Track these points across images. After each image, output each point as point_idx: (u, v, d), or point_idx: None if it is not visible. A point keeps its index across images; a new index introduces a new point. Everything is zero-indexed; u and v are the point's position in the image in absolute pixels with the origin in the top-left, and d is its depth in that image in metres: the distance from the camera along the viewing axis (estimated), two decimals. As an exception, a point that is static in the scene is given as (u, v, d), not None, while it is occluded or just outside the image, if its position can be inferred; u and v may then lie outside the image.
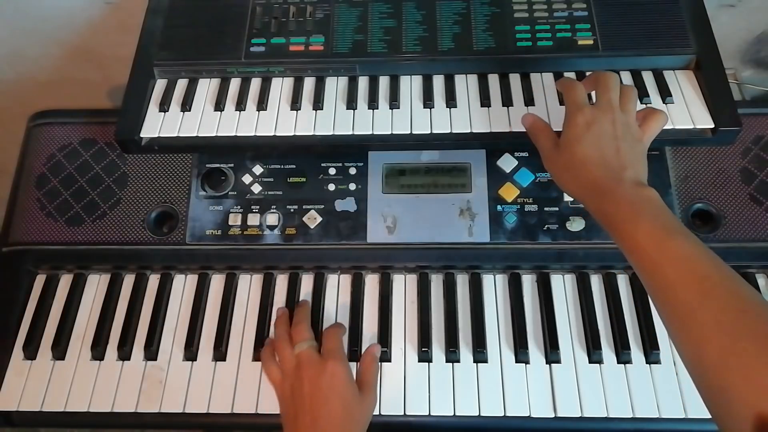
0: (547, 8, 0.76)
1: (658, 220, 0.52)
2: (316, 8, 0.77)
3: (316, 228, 0.76)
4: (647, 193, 0.55)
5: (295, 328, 0.68)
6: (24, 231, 0.79)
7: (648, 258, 0.51)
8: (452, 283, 0.73)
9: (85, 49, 0.93)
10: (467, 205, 0.76)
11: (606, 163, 0.57)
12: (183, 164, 0.80)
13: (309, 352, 0.65)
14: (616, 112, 0.60)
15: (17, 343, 0.73)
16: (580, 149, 0.58)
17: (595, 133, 0.58)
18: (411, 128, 0.71)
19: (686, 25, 0.73)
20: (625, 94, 0.62)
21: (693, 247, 0.50)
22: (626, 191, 0.55)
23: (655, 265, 0.50)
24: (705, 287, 0.47)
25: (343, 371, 0.63)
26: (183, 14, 0.77)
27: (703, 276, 0.48)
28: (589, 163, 0.58)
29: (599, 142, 0.58)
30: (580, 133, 0.59)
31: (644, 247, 0.51)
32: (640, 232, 0.52)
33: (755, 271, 0.74)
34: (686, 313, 0.47)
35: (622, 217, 0.54)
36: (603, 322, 0.71)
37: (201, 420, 0.68)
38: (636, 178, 0.56)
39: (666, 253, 0.50)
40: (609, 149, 0.58)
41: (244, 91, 0.74)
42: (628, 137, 0.59)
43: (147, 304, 0.75)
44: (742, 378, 0.41)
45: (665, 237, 0.51)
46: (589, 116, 0.59)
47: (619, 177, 0.56)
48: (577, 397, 0.66)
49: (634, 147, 0.59)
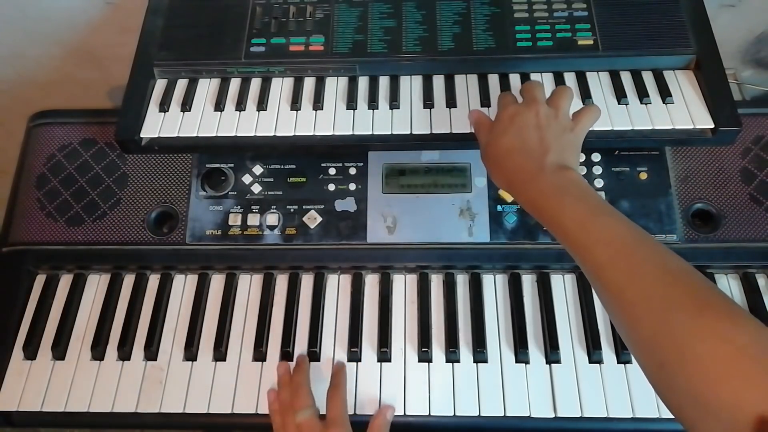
0: (547, 8, 0.76)
1: (581, 201, 0.52)
2: (316, 8, 0.77)
3: (316, 228, 0.76)
4: (569, 175, 0.55)
5: (295, 394, 0.64)
6: (24, 231, 0.79)
7: (576, 241, 0.51)
8: (452, 283, 0.73)
9: (85, 49, 0.93)
10: (467, 205, 0.76)
11: (528, 150, 0.57)
12: (183, 164, 0.80)
13: (311, 421, 0.62)
14: (540, 104, 0.60)
15: (17, 343, 0.73)
16: (504, 140, 0.59)
17: (518, 125, 0.59)
18: (411, 128, 0.71)
19: (686, 25, 0.73)
20: (556, 92, 0.63)
21: (618, 225, 0.50)
22: (548, 176, 0.55)
23: (583, 247, 0.50)
24: (632, 265, 0.47)
25: None
26: (183, 14, 0.77)
27: (631, 254, 0.48)
28: (513, 152, 0.58)
29: (521, 132, 0.59)
30: (505, 126, 0.60)
31: (572, 230, 0.51)
32: (566, 216, 0.52)
33: (755, 271, 0.74)
34: (617, 293, 0.47)
35: (547, 202, 0.54)
36: (603, 322, 0.70)
37: (201, 420, 0.68)
38: (559, 162, 0.56)
39: (592, 234, 0.50)
40: (532, 138, 0.58)
41: (244, 91, 0.74)
42: (553, 126, 0.59)
43: (147, 304, 0.75)
44: (676, 352, 0.41)
45: (589, 218, 0.51)
46: (512, 110, 0.61)
47: (542, 162, 0.56)
48: (577, 397, 0.66)
49: (561, 135, 0.59)
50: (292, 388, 0.65)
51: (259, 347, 0.71)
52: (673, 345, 0.42)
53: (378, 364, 0.70)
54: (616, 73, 0.74)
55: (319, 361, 0.70)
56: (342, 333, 0.72)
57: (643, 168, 0.76)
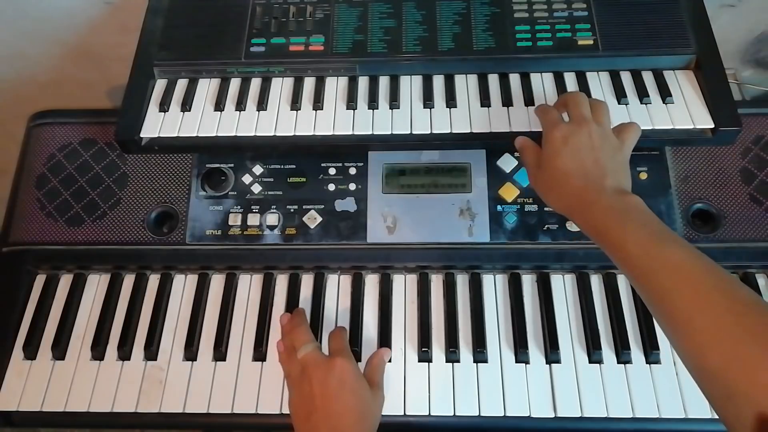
0: (547, 8, 0.76)
1: (645, 227, 0.52)
2: (316, 8, 0.77)
3: (316, 228, 0.76)
4: (631, 201, 0.55)
5: (293, 332, 0.66)
6: (24, 231, 0.79)
7: (640, 267, 0.50)
8: (452, 283, 0.73)
9: (85, 49, 0.93)
10: (467, 205, 0.76)
11: (586, 173, 0.57)
12: (183, 164, 0.80)
13: (313, 354, 0.63)
14: (591, 124, 0.60)
15: (17, 343, 0.73)
16: (560, 162, 0.59)
17: (573, 146, 0.59)
18: (411, 128, 0.71)
19: (686, 25, 0.73)
20: (596, 108, 0.62)
21: (685, 252, 0.49)
22: (609, 200, 0.55)
23: (648, 273, 0.50)
24: (701, 293, 0.46)
25: (352, 367, 0.62)
26: (183, 14, 0.77)
27: (698, 281, 0.47)
28: (570, 175, 0.58)
29: (578, 155, 0.58)
30: (558, 148, 0.59)
31: (635, 255, 0.51)
32: (629, 241, 0.51)
33: (755, 271, 0.74)
34: (684, 321, 0.46)
35: (609, 227, 0.53)
36: (603, 322, 0.71)
37: (201, 420, 0.68)
38: (618, 186, 0.56)
39: (658, 260, 0.49)
40: (588, 160, 0.58)
41: (244, 91, 0.74)
42: (606, 147, 0.59)
43: (147, 304, 0.75)
44: (747, 382, 0.41)
45: (655, 244, 0.50)
46: (565, 131, 0.60)
47: (601, 186, 0.56)
48: (577, 397, 0.66)
49: (614, 156, 0.59)
50: (291, 329, 0.67)
51: (259, 347, 0.71)
52: (744, 376, 0.41)
53: (378, 364, 0.70)
54: (616, 73, 0.74)
55: (319, 361, 0.70)
56: (342, 333, 0.72)
57: (643, 168, 0.76)
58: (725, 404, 0.43)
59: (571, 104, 0.63)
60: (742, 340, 0.43)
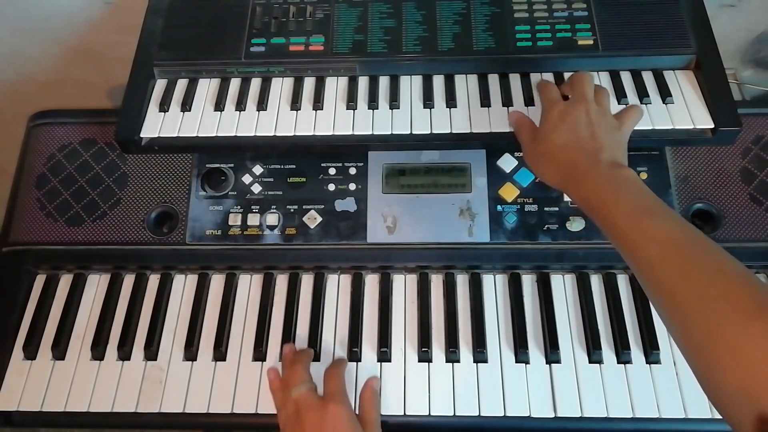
0: (547, 8, 0.76)
1: (637, 200, 0.52)
2: (316, 8, 0.77)
3: (316, 228, 0.76)
4: (625, 173, 0.55)
5: (291, 371, 0.65)
6: (24, 231, 0.79)
7: (629, 238, 0.51)
8: (452, 283, 0.73)
9: (85, 49, 0.93)
10: (467, 205, 0.76)
11: (582, 145, 0.58)
12: (183, 164, 0.80)
13: (307, 395, 0.62)
14: (590, 103, 0.60)
15: (17, 343, 0.73)
16: (555, 137, 0.60)
17: (570, 123, 0.59)
18: (411, 128, 0.71)
19: (686, 25, 0.73)
20: (599, 91, 0.63)
21: (674, 224, 0.50)
22: (603, 172, 0.55)
23: (636, 245, 0.50)
24: (687, 265, 0.47)
25: (346, 414, 0.60)
26: (183, 14, 0.77)
27: (684, 253, 0.47)
28: (566, 147, 0.58)
29: (575, 129, 0.59)
30: (556, 124, 0.60)
31: (624, 227, 0.51)
32: (620, 213, 0.52)
33: (755, 271, 0.73)
34: (670, 292, 0.46)
35: (602, 199, 0.54)
36: (603, 322, 0.71)
37: (201, 420, 0.68)
38: (613, 159, 0.56)
39: (646, 232, 0.50)
40: (584, 134, 0.58)
41: (244, 91, 0.74)
42: (603, 124, 0.59)
43: (147, 304, 0.75)
44: (729, 353, 0.41)
45: (645, 216, 0.51)
46: (563, 108, 0.61)
47: (596, 159, 0.56)
48: (577, 397, 0.66)
49: (611, 133, 0.59)
50: (289, 365, 0.66)
51: (259, 347, 0.71)
52: (727, 347, 0.41)
53: (378, 364, 0.70)
54: (616, 73, 0.74)
55: (319, 361, 0.70)
56: (342, 333, 0.72)
57: (643, 168, 0.76)
58: (708, 374, 0.43)
59: (575, 83, 0.64)
60: (725, 312, 0.43)
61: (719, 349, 0.42)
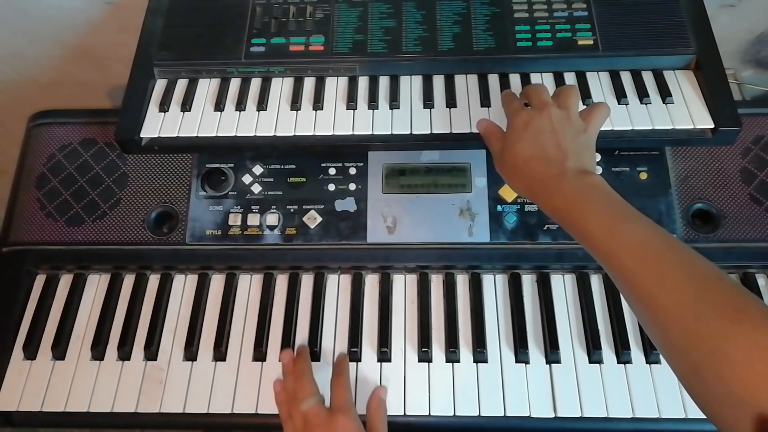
0: (547, 8, 0.76)
1: (606, 206, 0.52)
2: (316, 8, 0.77)
3: (316, 228, 0.76)
4: (592, 180, 0.54)
5: (298, 383, 0.64)
6: (24, 231, 0.79)
7: (602, 246, 0.50)
8: (452, 283, 0.73)
9: (85, 49, 0.93)
10: (467, 205, 0.76)
11: (547, 157, 0.57)
12: (183, 164, 0.80)
13: (316, 410, 0.62)
14: (552, 108, 0.60)
15: (17, 343, 0.73)
16: (521, 148, 0.59)
17: (533, 131, 0.59)
18: (411, 128, 0.71)
19: (686, 25, 0.73)
20: (563, 93, 0.62)
21: (645, 229, 0.50)
22: (570, 182, 0.55)
23: (610, 252, 0.50)
24: (662, 269, 0.46)
25: (354, 425, 0.61)
26: (183, 14, 0.77)
27: (659, 258, 0.47)
28: (531, 159, 0.58)
29: (538, 138, 0.58)
30: (519, 134, 0.59)
31: (597, 236, 0.51)
32: (590, 222, 0.51)
33: (755, 271, 0.74)
34: (647, 298, 0.46)
35: (572, 209, 0.53)
36: (603, 322, 0.71)
37: (201, 420, 0.68)
38: (580, 167, 0.56)
39: (619, 239, 0.49)
40: (549, 143, 0.58)
41: (244, 91, 0.74)
42: (567, 129, 0.58)
43: (147, 304, 0.75)
44: (711, 357, 0.41)
45: (616, 223, 0.50)
46: (525, 116, 0.60)
47: (562, 168, 0.56)
48: (577, 397, 0.66)
49: (576, 138, 0.58)
50: (295, 378, 0.65)
51: (259, 347, 0.71)
52: (708, 350, 0.41)
53: (378, 364, 0.70)
54: (616, 73, 0.74)
55: (319, 361, 0.70)
56: (342, 333, 0.72)
57: (643, 168, 0.76)
58: (692, 378, 0.43)
59: (531, 93, 0.63)
60: (702, 316, 0.42)
61: (700, 353, 0.42)
